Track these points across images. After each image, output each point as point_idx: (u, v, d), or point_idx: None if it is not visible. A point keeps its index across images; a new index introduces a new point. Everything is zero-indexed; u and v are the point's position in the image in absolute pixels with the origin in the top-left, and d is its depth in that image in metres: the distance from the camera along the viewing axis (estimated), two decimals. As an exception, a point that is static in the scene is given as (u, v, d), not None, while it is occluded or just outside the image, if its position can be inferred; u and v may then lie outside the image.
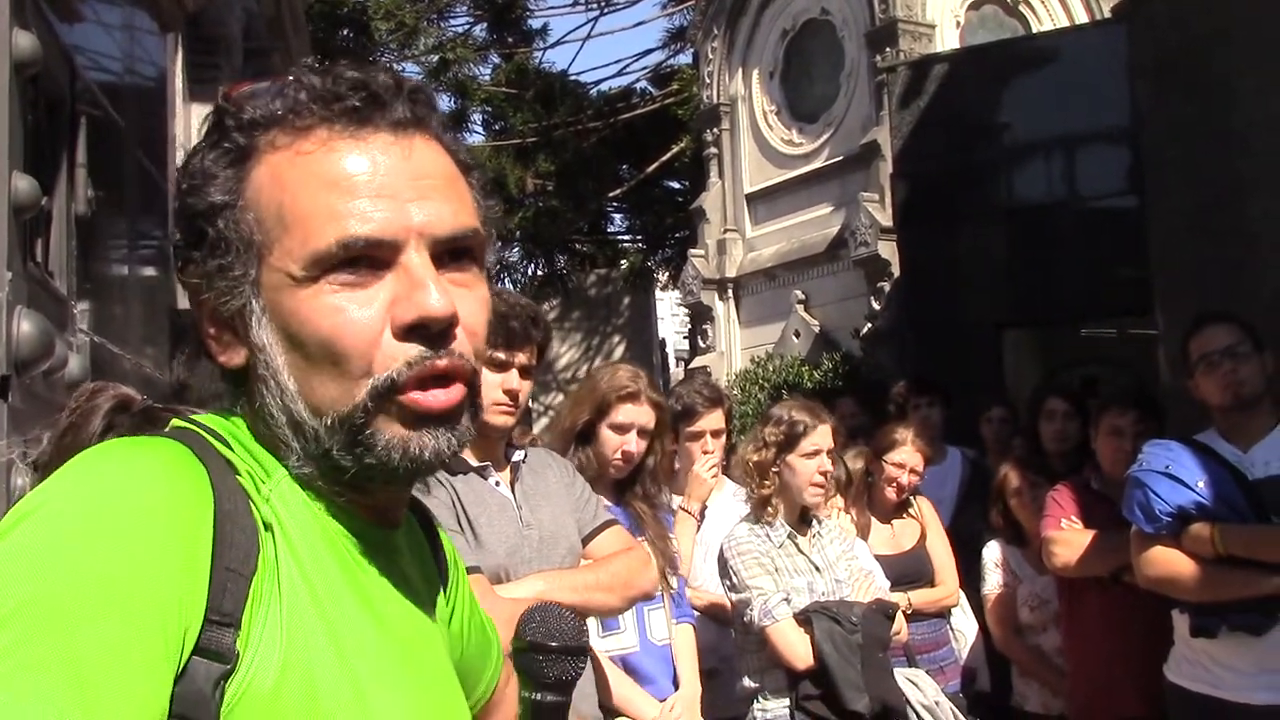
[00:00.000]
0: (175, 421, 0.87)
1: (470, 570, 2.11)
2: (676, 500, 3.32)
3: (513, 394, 2.30)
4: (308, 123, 0.83)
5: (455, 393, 0.84)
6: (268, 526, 0.80)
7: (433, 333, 0.82)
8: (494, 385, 2.28)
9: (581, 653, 0.98)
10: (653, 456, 2.90)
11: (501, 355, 2.27)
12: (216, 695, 0.73)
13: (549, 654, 0.96)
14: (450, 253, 0.85)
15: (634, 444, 2.81)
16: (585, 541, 2.45)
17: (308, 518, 0.84)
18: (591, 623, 2.71)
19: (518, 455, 2.42)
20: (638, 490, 2.91)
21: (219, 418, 0.87)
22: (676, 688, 2.84)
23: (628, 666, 2.76)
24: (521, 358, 2.30)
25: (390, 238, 0.81)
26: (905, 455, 3.89)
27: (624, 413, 2.80)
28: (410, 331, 0.82)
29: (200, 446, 0.80)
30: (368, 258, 0.81)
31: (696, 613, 3.17)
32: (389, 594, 0.88)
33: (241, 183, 0.83)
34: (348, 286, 0.81)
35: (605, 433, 2.81)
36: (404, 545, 0.95)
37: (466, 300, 0.85)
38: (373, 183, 0.82)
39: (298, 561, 0.81)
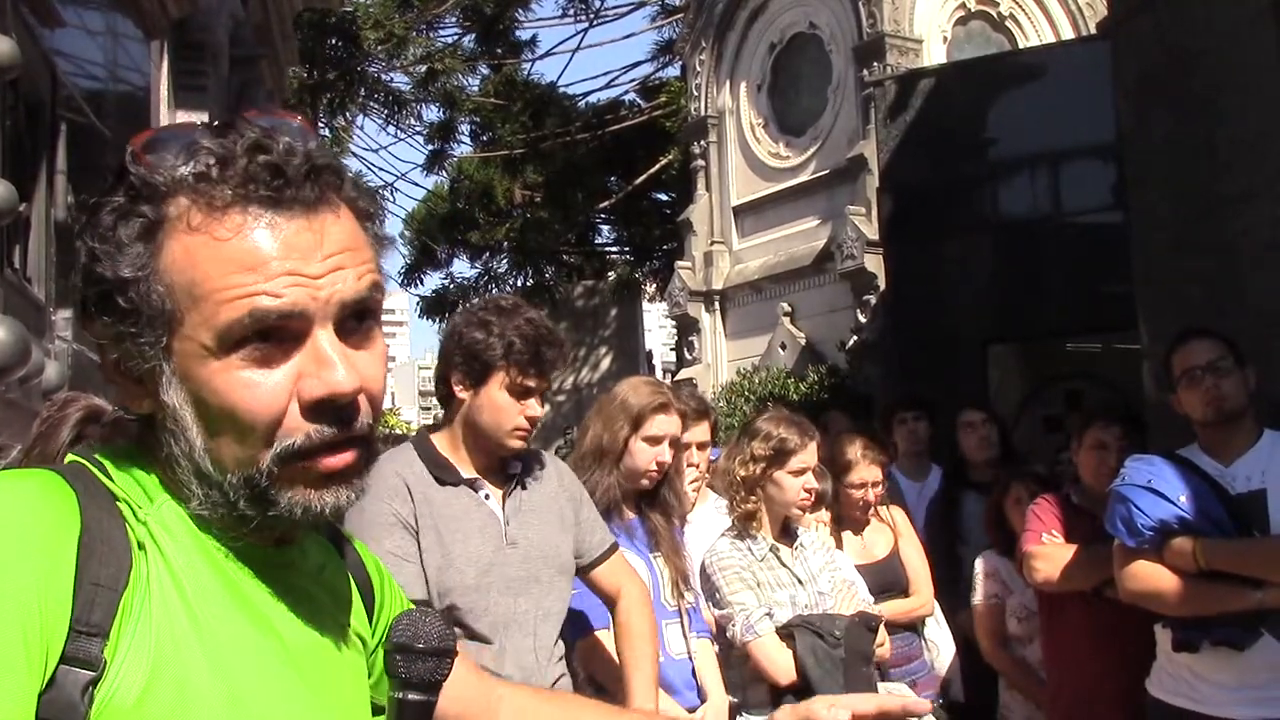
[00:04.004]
0: (70, 456, 0.93)
1: (421, 603, 2.08)
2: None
3: (533, 420, 2.29)
4: (221, 202, 0.86)
5: (350, 456, 0.89)
6: (141, 546, 0.85)
7: (339, 406, 0.87)
8: (515, 412, 2.26)
9: (448, 654, 1.01)
10: (672, 467, 2.92)
11: (531, 383, 2.26)
12: (85, 701, 0.78)
13: (415, 655, 0.99)
14: (355, 314, 0.90)
15: (667, 454, 2.84)
16: (591, 566, 2.46)
17: (189, 539, 0.89)
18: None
19: (514, 467, 2.38)
20: (657, 502, 2.92)
21: (111, 452, 0.93)
22: (701, 700, 2.86)
23: None
24: (544, 384, 2.29)
25: (300, 310, 0.86)
26: (863, 473, 3.83)
27: (658, 424, 2.82)
28: (317, 407, 0.87)
29: (76, 475, 0.87)
30: (277, 333, 0.86)
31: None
32: (276, 607, 0.93)
33: (153, 258, 0.86)
34: (256, 361, 0.86)
35: (639, 445, 2.82)
36: (301, 562, 0.99)
37: (369, 363, 0.91)
38: (285, 262, 0.86)
39: (174, 578, 0.86)
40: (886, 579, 3.80)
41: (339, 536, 1.12)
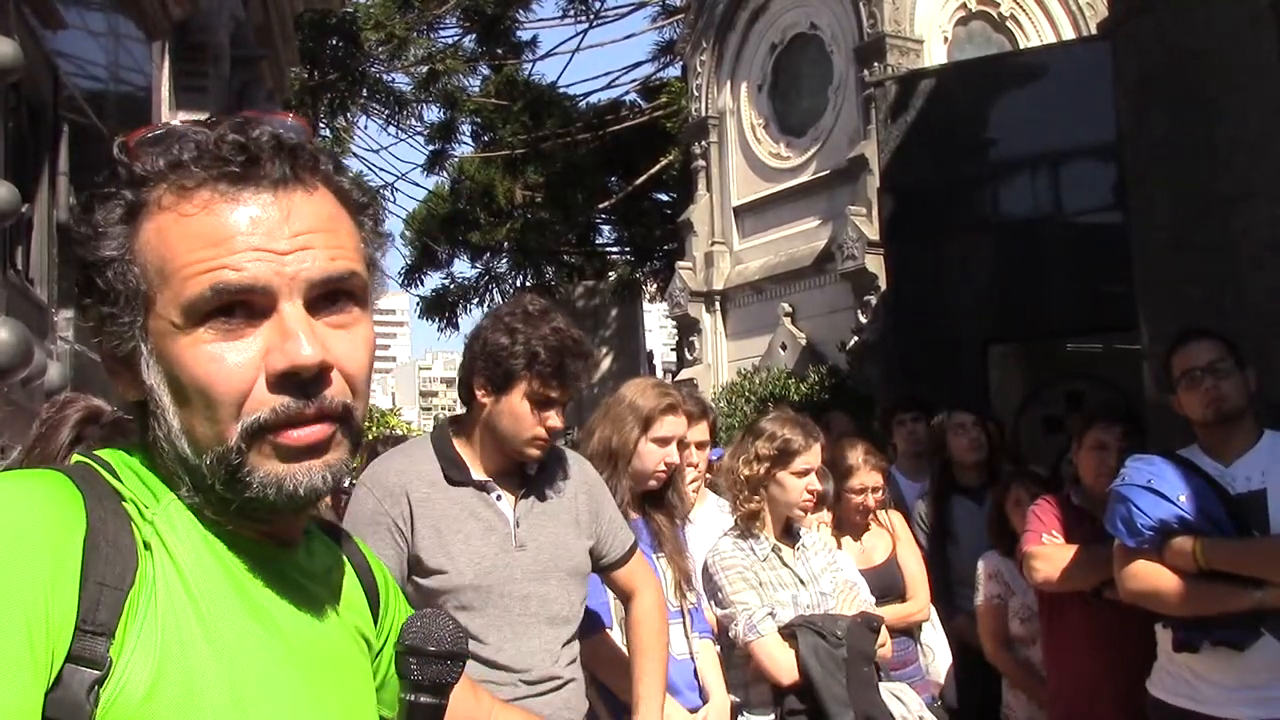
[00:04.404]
0: (75, 456, 0.94)
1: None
2: None
3: (553, 431, 2.28)
4: (192, 183, 0.88)
5: (320, 430, 0.89)
6: (148, 546, 0.87)
7: (304, 380, 0.87)
8: (535, 422, 2.23)
9: (459, 658, 1.00)
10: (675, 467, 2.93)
11: (553, 394, 2.23)
12: (91, 700, 0.79)
13: (426, 657, 0.99)
14: (328, 296, 0.90)
15: (675, 455, 2.85)
16: (613, 567, 2.46)
17: (196, 538, 0.90)
18: (616, 634, 2.72)
19: (531, 468, 2.36)
20: (661, 503, 2.93)
21: (118, 451, 0.95)
22: (703, 700, 2.86)
23: None
24: (567, 395, 2.27)
25: (263, 285, 0.86)
26: (865, 478, 3.84)
27: (667, 425, 2.83)
28: (282, 380, 0.87)
29: (83, 476, 0.88)
30: (244, 306, 0.87)
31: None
32: (282, 607, 0.94)
33: (130, 239, 0.89)
34: (222, 335, 0.87)
35: (647, 447, 2.82)
36: (307, 564, 1.00)
37: (344, 342, 0.91)
38: (250, 237, 0.87)
39: (181, 577, 0.87)
40: (885, 584, 3.80)
41: (344, 539, 1.12)
